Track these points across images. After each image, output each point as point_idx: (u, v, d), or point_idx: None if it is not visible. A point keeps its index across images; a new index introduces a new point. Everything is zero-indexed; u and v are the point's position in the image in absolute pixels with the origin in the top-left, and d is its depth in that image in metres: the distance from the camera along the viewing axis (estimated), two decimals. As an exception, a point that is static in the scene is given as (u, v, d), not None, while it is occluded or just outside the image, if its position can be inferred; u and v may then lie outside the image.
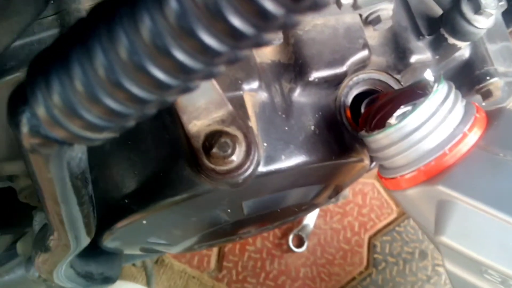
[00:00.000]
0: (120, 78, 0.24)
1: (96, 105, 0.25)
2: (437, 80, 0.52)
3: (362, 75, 0.60)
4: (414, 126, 0.51)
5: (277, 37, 0.54)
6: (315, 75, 0.55)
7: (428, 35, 0.61)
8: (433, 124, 0.51)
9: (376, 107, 0.56)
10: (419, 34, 0.61)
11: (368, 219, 1.52)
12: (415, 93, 0.53)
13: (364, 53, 0.58)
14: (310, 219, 1.47)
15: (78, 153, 0.33)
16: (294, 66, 0.56)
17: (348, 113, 0.60)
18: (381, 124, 0.53)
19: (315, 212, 1.47)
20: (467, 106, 0.54)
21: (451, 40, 0.59)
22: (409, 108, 0.51)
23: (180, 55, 0.23)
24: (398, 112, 0.51)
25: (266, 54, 0.56)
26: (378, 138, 0.53)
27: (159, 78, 0.24)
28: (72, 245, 0.49)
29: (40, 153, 0.30)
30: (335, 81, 0.58)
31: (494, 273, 0.50)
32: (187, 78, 0.24)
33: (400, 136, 0.51)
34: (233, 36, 0.22)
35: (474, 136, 0.52)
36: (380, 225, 1.52)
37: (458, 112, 0.52)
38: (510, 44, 0.70)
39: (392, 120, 0.51)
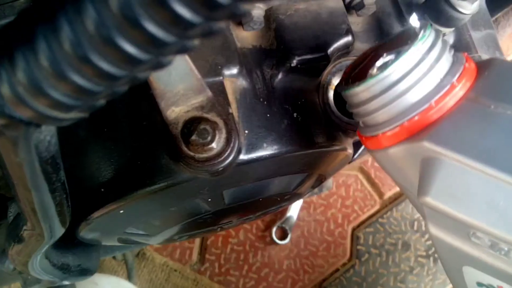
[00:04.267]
0: (87, 52, 0.23)
1: (63, 81, 0.24)
2: (423, 26, 0.47)
3: (345, 62, 0.59)
4: (397, 77, 0.46)
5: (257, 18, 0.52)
6: (297, 60, 0.54)
7: (412, 21, 0.60)
8: (418, 74, 0.46)
9: (357, 60, 0.52)
10: (403, 20, 0.60)
11: (352, 211, 1.52)
12: (400, 42, 0.48)
13: (348, 38, 0.56)
14: (294, 211, 1.46)
15: (47, 136, 0.31)
16: (276, 51, 0.54)
17: (331, 100, 0.58)
18: (362, 75, 0.48)
19: (299, 204, 1.47)
20: (455, 56, 0.49)
21: (435, 26, 0.59)
22: (392, 57, 0.46)
23: (150, 27, 0.22)
24: (380, 61, 0.47)
25: (247, 39, 0.55)
26: (358, 91, 0.48)
27: (129, 51, 0.22)
28: (46, 235, 0.48)
29: (5, 135, 0.29)
30: (318, 67, 0.56)
31: (483, 235, 0.45)
32: (158, 51, 0.23)
33: (381, 88, 0.47)
34: (207, 5, 0.21)
35: (462, 87, 0.47)
36: (363, 216, 1.52)
37: (446, 62, 0.48)
38: (494, 31, 0.69)
39: (373, 71, 0.47)
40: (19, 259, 0.56)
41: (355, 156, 0.86)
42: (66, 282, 0.71)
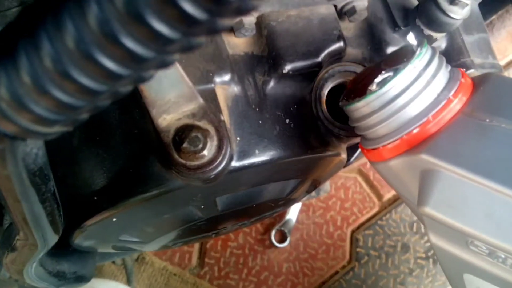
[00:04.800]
0: (67, 68, 0.23)
1: (45, 97, 0.24)
2: (420, 44, 0.49)
3: (337, 67, 0.59)
4: (395, 93, 0.48)
5: (236, 23, 0.52)
6: (289, 67, 0.54)
7: (404, 26, 0.60)
8: (416, 90, 0.48)
9: (358, 76, 0.54)
10: (395, 26, 0.60)
11: (351, 213, 1.52)
12: (398, 59, 0.50)
13: (339, 44, 0.57)
14: (293, 214, 1.46)
15: (33, 149, 0.31)
16: (268, 58, 0.54)
17: (324, 106, 0.59)
18: (362, 91, 0.50)
19: (298, 207, 1.47)
20: (452, 72, 0.51)
21: (427, 31, 0.59)
22: (390, 74, 0.49)
23: (129, 43, 0.22)
24: (379, 78, 0.49)
25: (239, 46, 0.55)
26: (359, 106, 0.50)
27: (109, 67, 0.23)
28: (40, 244, 0.48)
29: (-9, 149, 0.29)
30: (310, 73, 0.57)
31: (481, 244, 0.47)
32: (138, 67, 0.23)
33: (381, 103, 0.49)
34: (184, 21, 0.21)
35: (459, 102, 0.49)
36: (362, 219, 1.52)
37: (442, 78, 0.50)
38: (487, 35, 0.69)
39: (372, 87, 0.49)
40: (13, 267, 0.56)
41: (352, 159, 0.87)
42: (62, 289, 0.71)
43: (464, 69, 0.63)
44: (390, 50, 0.60)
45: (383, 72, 0.49)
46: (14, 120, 0.25)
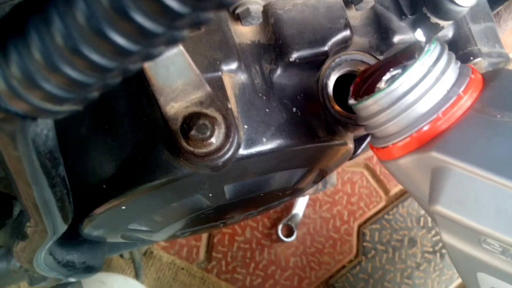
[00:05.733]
0: (78, 45, 0.23)
1: (56, 74, 0.24)
2: (429, 40, 0.49)
3: (344, 56, 0.59)
4: (404, 90, 0.48)
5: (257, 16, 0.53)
6: (295, 55, 0.54)
7: (411, 14, 0.60)
8: (425, 86, 0.48)
9: (366, 73, 0.54)
10: (401, 14, 0.60)
11: (357, 208, 1.52)
12: (406, 57, 0.50)
13: (346, 33, 0.57)
14: (299, 208, 1.46)
15: (44, 130, 0.32)
16: (274, 46, 0.55)
17: (331, 95, 0.59)
18: (371, 89, 0.50)
19: (304, 202, 1.47)
20: (461, 68, 0.51)
21: (434, 19, 0.59)
22: (398, 71, 0.48)
23: (139, 18, 0.22)
24: (388, 75, 0.49)
25: (246, 35, 0.55)
26: (368, 105, 0.50)
27: (119, 43, 0.23)
28: (49, 231, 0.48)
29: (3, 129, 0.29)
30: (317, 62, 0.57)
31: (493, 241, 0.47)
32: (148, 43, 0.23)
33: (390, 100, 0.49)
34: (193, -5, 0.21)
35: (469, 98, 0.48)
36: (369, 213, 1.52)
37: (452, 74, 0.49)
38: (494, 24, 0.69)
39: (381, 84, 0.49)
40: (23, 256, 0.57)
41: (358, 151, 0.87)
42: (71, 280, 0.71)
43: (471, 58, 0.63)
44: (397, 38, 0.60)
45: (391, 69, 0.49)
46: (26, 98, 0.25)
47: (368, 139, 0.84)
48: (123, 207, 0.53)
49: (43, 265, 0.59)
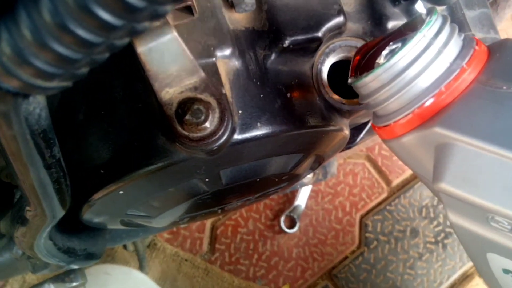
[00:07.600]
0: (65, 20, 0.24)
1: (44, 50, 0.25)
2: (430, 12, 0.47)
3: (338, 42, 0.60)
4: (405, 64, 0.46)
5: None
6: (289, 41, 0.55)
7: (404, 0, 0.60)
8: (426, 59, 0.46)
9: (366, 49, 0.52)
10: (395, 0, 0.61)
11: (359, 199, 1.53)
12: (407, 30, 0.48)
13: (340, 19, 0.57)
14: (301, 200, 1.47)
15: (36, 109, 0.33)
16: (268, 32, 0.55)
17: (326, 80, 0.59)
18: (370, 66, 0.48)
19: (306, 193, 1.48)
20: (465, 40, 0.49)
21: (427, 4, 0.59)
22: (398, 45, 0.46)
23: (122, -7, 0.23)
24: (387, 50, 0.47)
25: (240, 22, 0.56)
26: (367, 81, 0.48)
27: (104, 18, 0.24)
28: (48, 213, 0.49)
29: (-4, 108, 0.30)
30: (311, 48, 0.57)
31: (502, 219, 0.44)
32: (132, 17, 0.24)
33: (390, 76, 0.47)
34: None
35: (473, 70, 0.46)
36: (371, 204, 1.53)
37: (455, 46, 0.47)
38: (489, 11, 0.69)
39: (380, 60, 0.47)
40: (24, 241, 0.58)
41: (357, 140, 0.87)
42: (73, 267, 0.72)
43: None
44: (390, 24, 0.60)
45: (390, 43, 0.47)
46: (16, 74, 0.26)
47: (367, 128, 0.85)
48: (121, 192, 0.54)
49: (44, 251, 0.61)
